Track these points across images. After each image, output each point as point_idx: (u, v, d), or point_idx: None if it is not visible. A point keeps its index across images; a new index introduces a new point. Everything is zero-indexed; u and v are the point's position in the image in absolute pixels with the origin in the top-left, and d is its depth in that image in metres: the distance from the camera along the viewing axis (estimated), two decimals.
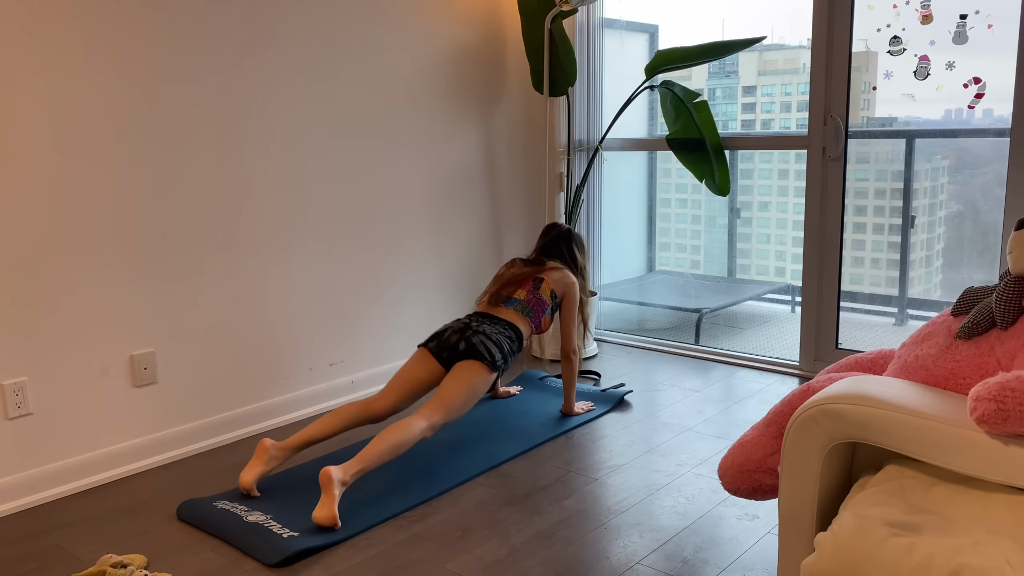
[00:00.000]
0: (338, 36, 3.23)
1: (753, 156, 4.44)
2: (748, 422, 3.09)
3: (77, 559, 2.21)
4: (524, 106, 4.08)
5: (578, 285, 3.10)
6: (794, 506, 1.56)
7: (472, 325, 2.82)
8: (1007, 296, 1.52)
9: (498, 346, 2.77)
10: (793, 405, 1.77)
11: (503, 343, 2.80)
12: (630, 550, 2.19)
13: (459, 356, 2.74)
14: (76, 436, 2.64)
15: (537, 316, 2.97)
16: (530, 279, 3.00)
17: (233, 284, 2.99)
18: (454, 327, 2.83)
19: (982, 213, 3.37)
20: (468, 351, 2.73)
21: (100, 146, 2.61)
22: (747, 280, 4.66)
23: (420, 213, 3.64)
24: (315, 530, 2.29)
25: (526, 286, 2.98)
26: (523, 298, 2.95)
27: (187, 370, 2.90)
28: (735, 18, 3.95)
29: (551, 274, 3.04)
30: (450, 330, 2.83)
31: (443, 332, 2.83)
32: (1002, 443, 1.32)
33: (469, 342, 2.74)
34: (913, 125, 3.40)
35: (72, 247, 2.57)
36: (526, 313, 2.94)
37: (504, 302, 2.95)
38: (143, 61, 2.68)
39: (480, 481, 2.63)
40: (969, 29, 3.06)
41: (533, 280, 3.00)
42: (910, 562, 1.26)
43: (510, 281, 3.00)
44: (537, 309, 2.97)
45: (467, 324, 2.83)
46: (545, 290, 3.00)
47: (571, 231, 3.25)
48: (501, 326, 2.85)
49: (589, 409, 3.21)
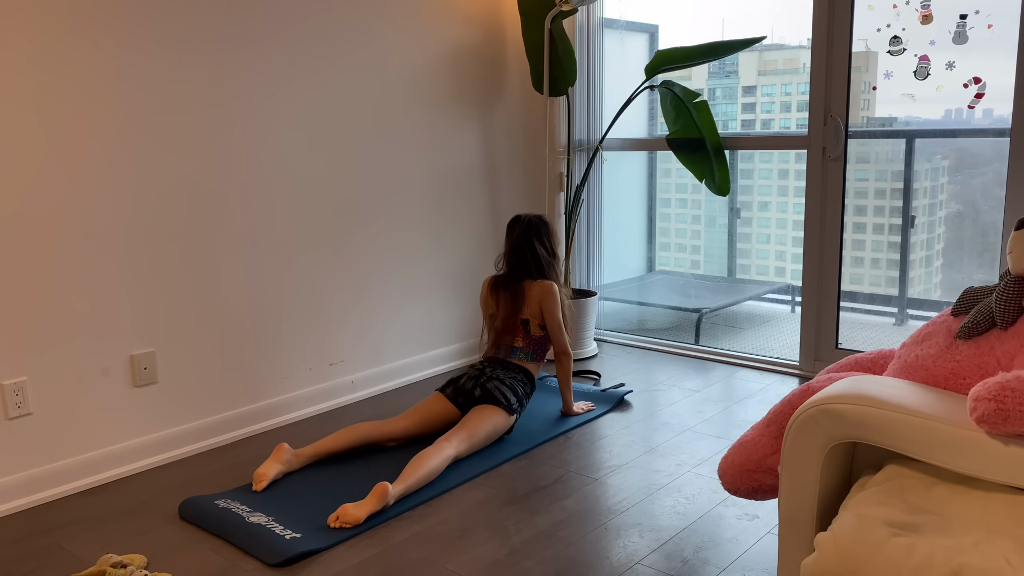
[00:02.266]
0: (338, 37, 3.23)
1: (753, 156, 4.44)
2: (748, 422, 3.09)
3: (77, 559, 2.21)
4: (524, 106, 4.08)
5: (555, 287, 3.08)
6: (794, 506, 1.56)
7: (487, 372, 2.95)
8: (1007, 296, 1.52)
9: (512, 390, 2.92)
10: (793, 405, 1.77)
11: (516, 387, 2.94)
12: (630, 550, 2.19)
13: (475, 401, 2.88)
14: (76, 436, 2.64)
15: (540, 353, 3.10)
16: (519, 324, 3.05)
17: (233, 284, 2.99)
18: (470, 374, 2.97)
19: (982, 213, 3.37)
20: (484, 397, 2.87)
21: (100, 146, 2.61)
22: (747, 280, 4.66)
23: (420, 213, 3.64)
24: (317, 531, 2.29)
25: (518, 332, 3.06)
26: (522, 346, 3.06)
27: (187, 370, 2.90)
28: (735, 18, 3.96)
29: (530, 304, 3.05)
30: (466, 376, 2.96)
31: (459, 378, 2.97)
32: (1002, 443, 1.32)
33: (484, 388, 2.89)
34: (913, 125, 3.40)
35: (72, 247, 2.57)
36: (530, 359, 3.07)
37: (508, 353, 3.05)
38: (143, 61, 2.68)
39: (480, 481, 2.63)
40: (969, 29, 3.06)
41: (521, 323, 3.05)
42: (910, 562, 1.26)
43: (503, 331, 3.07)
44: (538, 349, 3.09)
45: (481, 371, 2.96)
46: (534, 326, 3.06)
47: (535, 222, 3.12)
48: (512, 371, 2.99)
49: (589, 409, 3.21)
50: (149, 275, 2.76)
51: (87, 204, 2.59)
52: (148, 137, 2.72)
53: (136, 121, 2.68)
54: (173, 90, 2.76)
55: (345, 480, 2.62)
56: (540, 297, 3.05)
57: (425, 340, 3.75)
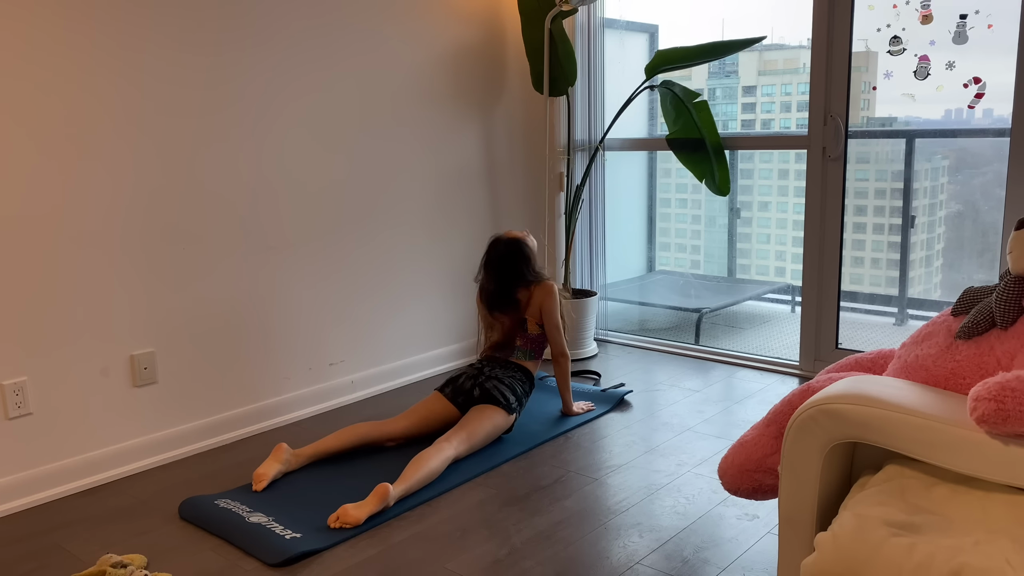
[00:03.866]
0: (338, 37, 3.23)
1: (753, 156, 4.44)
2: (748, 422, 3.09)
3: (77, 559, 2.21)
4: (524, 106, 4.08)
5: (555, 287, 3.08)
6: (794, 506, 1.56)
7: (485, 371, 2.94)
8: (1007, 296, 1.52)
9: (511, 389, 2.92)
10: (793, 405, 1.77)
11: (515, 386, 2.95)
12: (630, 550, 2.19)
13: (474, 401, 2.88)
14: (76, 436, 2.64)
15: (538, 351, 3.11)
16: (516, 329, 3.05)
17: (233, 284, 2.99)
18: (468, 373, 2.96)
19: (982, 213, 3.37)
20: (483, 396, 2.86)
21: (98, 146, 2.61)
22: (747, 280, 4.66)
23: (420, 213, 3.64)
24: (317, 531, 2.29)
25: (516, 334, 3.06)
26: (520, 344, 3.06)
27: (187, 370, 2.90)
28: (735, 18, 3.96)
29: (530, 306, 3.04)
30: (464, 376, 2.95)
31: (458, 378, 2.97)
32: (1002, 443, 1.32)
33: (483, 387, 2.88)
34: (913, 125, 3.40)
35: (72, 247, 2.57)
36: (529, 356, 3.07)
37: (507, 352, 3.05)
38: (143, 61, 2.68)
39: (480, 481, 2.63)
40: (969, 29, 3.06)
41: (519, 325, 3.05)
42: (910, 562, 1.26)
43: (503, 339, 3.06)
44: (536, 347, 3.09)
45: (480, 370, 2.95)
46: (531, 324, 3.06)
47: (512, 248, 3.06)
48: (511, 370, 2.99)
49: (589, 409, 3.21)
50: (149, 275, 2.76)
51: (86, 203, 2.59)
52: (147, 137, 2.71)
53: (135, 121, 2.68)
54: (177, 93, 2.76)
55: (345, 480, 2.62)
56: (541, 298, 3.05)
57: (425, 340, 3.75)
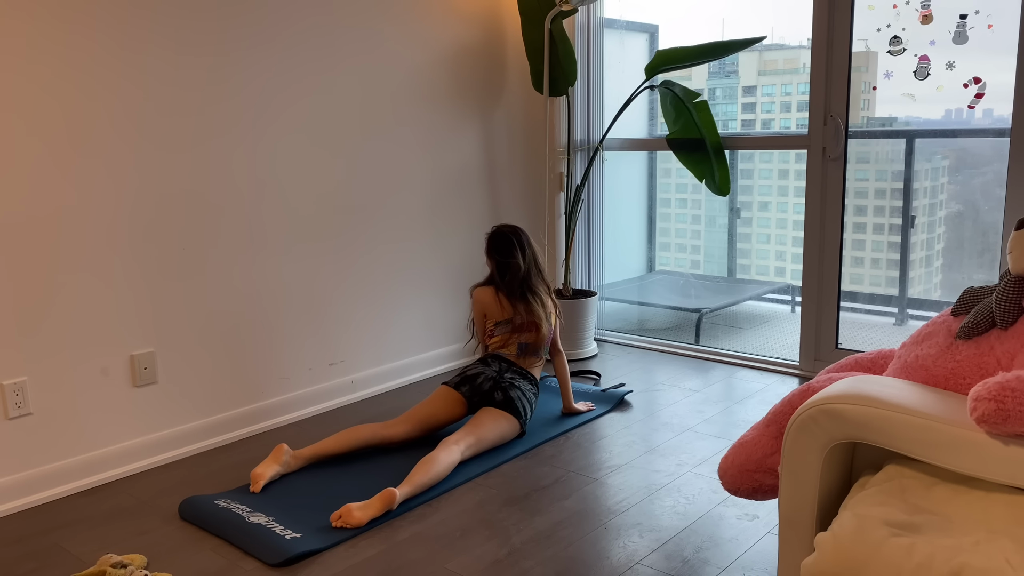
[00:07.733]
0: (338, 37, 3.23)
1: (753, 156, 4.44)
2: (748, 422, 3.09)
3: (77, 559, 2.21)
4: (524, 106, 4.08)
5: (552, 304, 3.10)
6: (794, 506, 1.56)
7: (506, 376, 2.93)
8: (1007, 296, 1.52)
9: (530, 403, 2.95)
10: (793, 405, 1.77)
11: (532, 400, 2.97)
12: (630, 550, 2.19)
13: (492, 404, 2.87)
14: (76, 436, 2.64)
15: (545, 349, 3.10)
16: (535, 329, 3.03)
17: (233, 284, 2.99)
18: (487, 374, 2.93)
19: (982, 213, 3.37)
20: (505, 403, 2.86)
21: (99, 147, 2.61)
22: (747, 280, 4.66)
23: (420, 213, 3.64)
24: (317, 531, 2.29)
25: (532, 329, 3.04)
26: (533, 342, 3.04)
27: (187, 370, 2.90)
28: (735, 18, 3.96)
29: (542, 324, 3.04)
30: (483, 376, 2.92)
31: (475, 377, 2.93)
32: (1002, 443, 1.32)
33: (507, 395, 2.87)
34: (913, 125, 3.40)
35: (72, 247, 2.57)
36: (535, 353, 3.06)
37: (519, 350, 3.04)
38: (143, 62, 2.68)
39: (480, 481, 2.63)
40: (969, 29, 3.06)
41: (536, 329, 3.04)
42: (910, 562, 1.26)
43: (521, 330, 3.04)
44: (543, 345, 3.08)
45: (500, 372, 2.93)
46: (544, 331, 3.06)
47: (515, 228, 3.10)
48: (529, 381, 2.99)
49: (590, 408, 3.21)
50: (149, 275, 2.76)
51: (86, 204, 2.59)
52: (147, 137, 2.71)
53: (136, 121, 2.68)
54: (178, 93, 2.76)
55: (346, 480, 2.62)
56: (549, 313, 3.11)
57: (425, 340, 3.75)
